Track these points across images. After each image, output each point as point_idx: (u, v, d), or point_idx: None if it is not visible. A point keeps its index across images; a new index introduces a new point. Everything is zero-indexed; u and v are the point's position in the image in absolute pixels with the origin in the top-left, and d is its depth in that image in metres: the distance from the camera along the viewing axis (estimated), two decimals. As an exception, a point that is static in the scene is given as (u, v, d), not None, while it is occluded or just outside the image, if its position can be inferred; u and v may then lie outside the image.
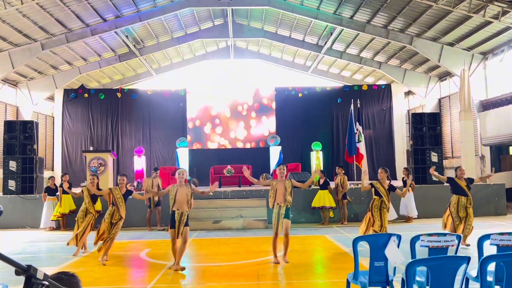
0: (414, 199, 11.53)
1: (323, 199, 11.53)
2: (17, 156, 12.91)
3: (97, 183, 8.42)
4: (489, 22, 13.87)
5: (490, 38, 15.02)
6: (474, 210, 8.58)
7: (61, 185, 11.07)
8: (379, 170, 8.15)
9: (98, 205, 9.77)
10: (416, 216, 11.53)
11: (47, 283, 1.20)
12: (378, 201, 7.68)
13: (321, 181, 11.70)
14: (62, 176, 11.45)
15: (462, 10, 13.55)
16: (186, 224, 6.66)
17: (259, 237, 9.97)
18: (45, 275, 1.22)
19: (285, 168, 7.37)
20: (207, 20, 18.98)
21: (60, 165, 18.57)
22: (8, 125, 13.36)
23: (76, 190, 9.31)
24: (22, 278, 1.22)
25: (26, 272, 1.19)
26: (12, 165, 12.83)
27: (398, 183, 14.59)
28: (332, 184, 12.07)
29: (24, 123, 13.49)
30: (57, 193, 11.44)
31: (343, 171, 12.07)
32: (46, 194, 11.51)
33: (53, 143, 19.35)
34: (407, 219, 11.53)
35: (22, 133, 13.14)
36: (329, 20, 16.44)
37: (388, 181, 7.79)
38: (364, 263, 4.61)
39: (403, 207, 11.52)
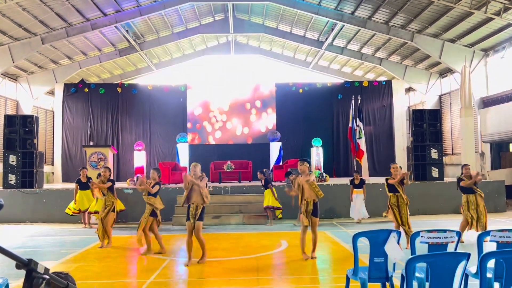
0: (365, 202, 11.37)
1: (267, 199, 11.07)
2: (17, 151, 12.91)
3: (109, 175, 8.64)
4: (491, 19, 13.82)
5: (491, 35, 14.98)
6: None
7: (80, 180, 10.97)
8: (394, 166, 7.91)
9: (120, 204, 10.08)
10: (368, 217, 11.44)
11: (47, 277, 1.20)
12: (394, 198, 7.60)
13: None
14: (80, 170, 11.27)
15: (463, 7, 13.50)
16: (200, 218, 6.84)
17: (258, 233, 9.99)
18: (45, 269, 1.22)
19: (308, 164, 7.07)
20: (207, 15, 18.91)
21: (60, 160, 18.57)
22: (8, 119, 13.36)
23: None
24: (22, 272, 1.22)
25: (27, 266, 1.19)
26: (12, 159, 12.83)
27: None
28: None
29: (24, 117, 13.48)
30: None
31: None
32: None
33: (53, 137, 19.35)
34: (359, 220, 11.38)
35: (22, 127, 13.13)
36: (330, 15, 16.39)
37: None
38: (364, 259, 4.61)
39: (354, 210, 11.36)
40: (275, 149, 17.22)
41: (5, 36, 14.82)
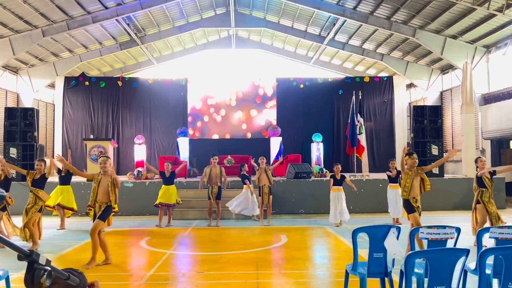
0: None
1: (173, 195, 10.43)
2: (17, 143, 12.92)
3: (44, 169, 7.89)
4: (493, 15, 13.76)
5: (493, 31, 14.92)
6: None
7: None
8: (481, 159, 7.56)
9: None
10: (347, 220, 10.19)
11: (49, 268, 1.20)
12: (486, 193, 7.34)
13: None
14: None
15: (466, 3, 13.44)
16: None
17: (258, 227, 10.02)
18: (47, 260, 1.23)
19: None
20: (209, 9, 18.84)
21: (60, 153, 18.54)
22: (9, 112, 13.36)
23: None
24: (22, 265, 1.22)
25: (29, 257, 1.19)
26: (13, 152, 12.85)
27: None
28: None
29: (25, 110, 13.48)
30: None
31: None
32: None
33: (53, 130, 19.34)
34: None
35: (22, 120, 13.14)
36: (332, 10, 16.32)
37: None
38: (363, 254, 4.63)
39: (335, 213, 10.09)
40: (275, 144, 17.22)
41: (6, 29, 14.78)
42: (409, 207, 6.47)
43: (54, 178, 10.43)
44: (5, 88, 17.26)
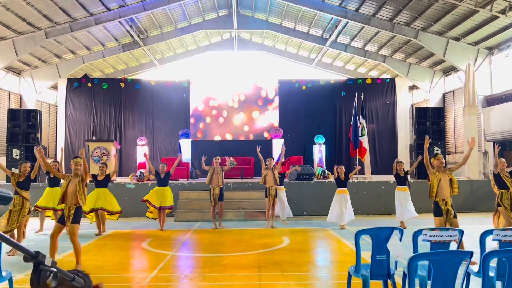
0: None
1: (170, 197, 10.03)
2: (20, 145, 12.95)
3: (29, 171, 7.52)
4: (496, 17, 13.75)
5: (496, 33, 14.90)
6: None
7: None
8: (501, 160, 7.15)
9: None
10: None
11: (55, 269, 1.21)
12: (507, 194, 7.01)
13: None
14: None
15: (468, 4, 13.43)
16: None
17: (260, 229, 10.01)
18: (53, 262, 1.23)
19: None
20: (211, 11, 18.88)
21: (63, 154, 18.59)
22: (12, 113, 13.40)
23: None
24: (25, 266, 1.22)
25: (35, 258, 1.20)
26: (16, 153, 12.88)
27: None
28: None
29: (28, 111, 13.52)
30: None
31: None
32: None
33: (56, 132, 19.39)
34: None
35: (25, 121, 13.18)
36: (334, 12, 16.33)
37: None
38: (366, 256, 4.62)
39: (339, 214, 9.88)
40: (277, 145, 17.21)
41: (9, 30, 14.83)
42: (435, 209, 6.29)
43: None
44: (8, 90, 17.32)
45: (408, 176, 10.15)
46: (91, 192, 9.34)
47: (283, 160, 13.30)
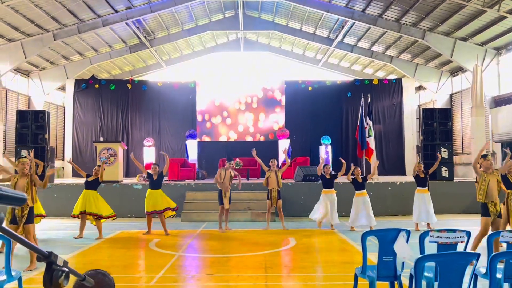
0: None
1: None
2: (28, 145, 13.06)
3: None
4: (504, 17, 13.65)
5: (504, 33, 14.79)
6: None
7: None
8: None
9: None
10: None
11: (66, 269, 1.24)
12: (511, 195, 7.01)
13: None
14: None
15: (476, 4, 13.35)
16: (28, 221, 6.10)
17: (266, 230, 10.01)
18: (64, 261, 1.26)
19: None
20: (217, 12, 18.93)
21: (70, 155, 18.75)
22: (21, 114, 13.54)
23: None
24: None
25: (48, 258, 1.23)
26: (24, 154, 12.98)
27: (408, 178, 14.55)
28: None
29: (36, 112, 13.65)
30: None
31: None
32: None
33: (64, 133, 19.54)
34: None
35: (34, 122, 13.30)
36: (341, 13, 16.31)
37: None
38: (373, 257, 4.62)
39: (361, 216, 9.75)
40: (283, 146, 17.21)
41: (18, 32, 14.98)
42: (483, 210, 6.28)
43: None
44: (16, 91, 17.49)
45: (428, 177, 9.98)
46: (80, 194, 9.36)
47: (288, 161, 13.31)
